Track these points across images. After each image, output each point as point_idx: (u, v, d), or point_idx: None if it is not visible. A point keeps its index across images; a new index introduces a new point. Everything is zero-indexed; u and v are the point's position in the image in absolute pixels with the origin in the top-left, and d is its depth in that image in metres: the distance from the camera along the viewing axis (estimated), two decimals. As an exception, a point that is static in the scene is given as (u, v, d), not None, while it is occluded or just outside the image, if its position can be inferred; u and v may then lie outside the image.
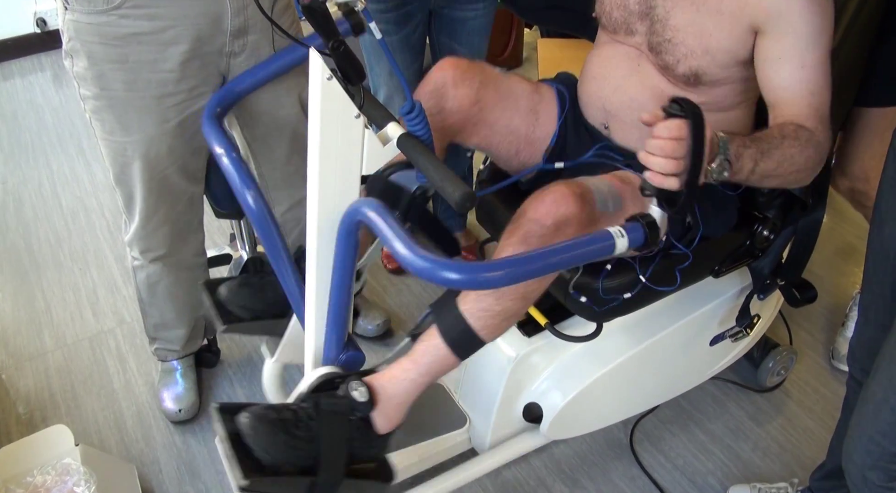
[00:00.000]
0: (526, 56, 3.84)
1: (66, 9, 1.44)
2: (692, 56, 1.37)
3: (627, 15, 1.46)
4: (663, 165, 1.06)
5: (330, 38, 1.14)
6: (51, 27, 3.93)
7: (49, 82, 3.80)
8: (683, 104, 1.05)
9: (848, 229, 2.65)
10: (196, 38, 1.47)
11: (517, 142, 1.57)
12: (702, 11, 1.35)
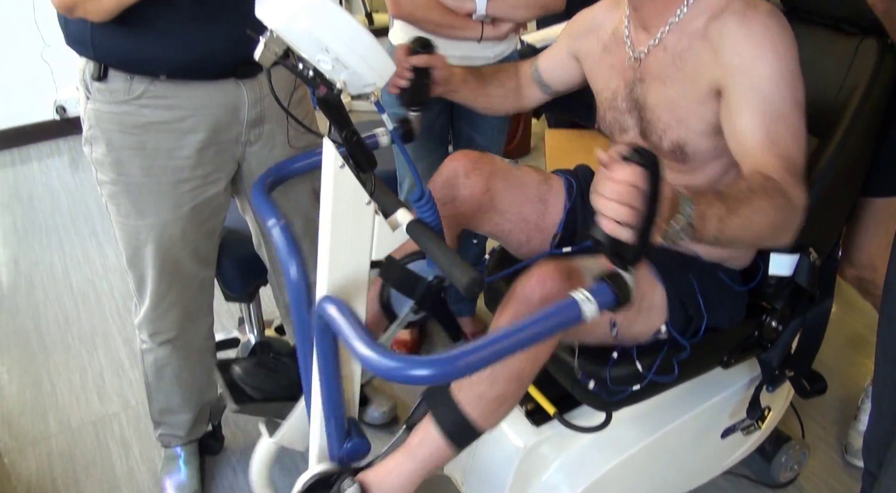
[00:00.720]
0: (534, 145, 3.91)
1: (88, 98, 1.49)
2: (670, 129, 1.40)
3: (618, 114, 1.51)
4: (617, 211, 0.96)
5: (343, 128, 1.17)
6: (70, 114, 4.04)
7: (66, 166, 3.88)
8: (642, 152, 0.98)
9: (857, 319, 2.63)
10: (213, 127, 1.51)
11: (527, 229, 1.60)
12: (668, 84, 1.39)
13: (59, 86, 3.99)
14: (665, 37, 1.40)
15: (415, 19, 1.89)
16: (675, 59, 1.38)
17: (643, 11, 1.41)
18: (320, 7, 1.02)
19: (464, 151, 1.57)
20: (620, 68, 1.50)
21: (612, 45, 1.52)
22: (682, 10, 1.37)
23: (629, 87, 1.48)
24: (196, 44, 1.42)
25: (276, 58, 1.08)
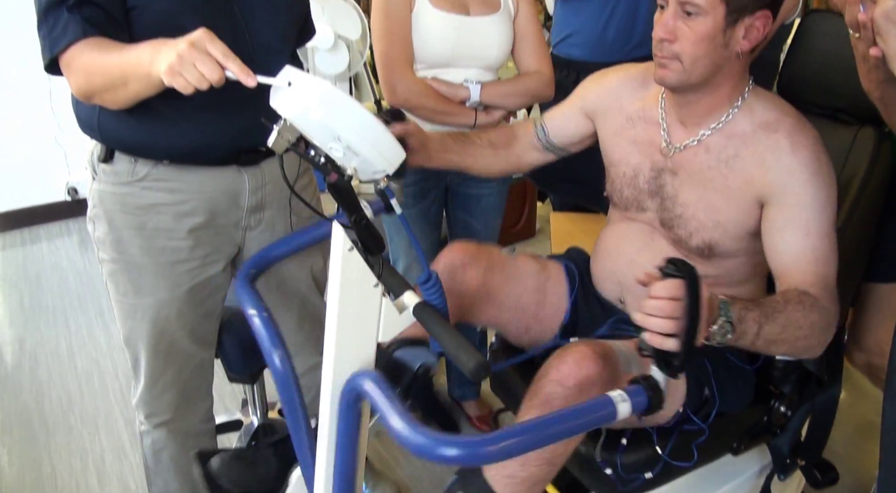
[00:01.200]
0: (539, 228, 3.95)
1: (95, 178, 1.53)
2: (704, 229, 1.42)
3: (638, 193, 1.52)
4: (661, 325, 1.04)
5: (353, 212, 1.19)
6: (81, 195, 4.11)
7: (75, 247, 3.92)
8: (679, 264, 1.05)
9: (867, 406, 2.60)
10: (212, 211, 1.54)
11: (526, 319, 1.60)
12: (709, 188, 1.41)
13: (72, 168, 4.07)
14: (707, 138, 1.42)
15: (410, 106, 1.93)
16: (721, 164, 1.40)
17: (686, 109, 1.44)
18: (334, 98, 1.06)
19: (461, 242, 1.58)
20: (647, 148, 1.51)
21: (638, 121, 1.54)
22: (727, 116, 1.41)
23: (656, 170, 1.49)
24: (200, 133, 1.45)
25: (288, 145, 1.11)
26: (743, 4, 1.30)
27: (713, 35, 1.32)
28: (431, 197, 2.08)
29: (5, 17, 3.65)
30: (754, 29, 1.34)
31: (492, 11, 1.96)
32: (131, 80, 1.27)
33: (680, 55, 1.35)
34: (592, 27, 2.53)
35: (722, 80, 1.39)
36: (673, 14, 1.34)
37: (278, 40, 1.52)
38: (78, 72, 1.32)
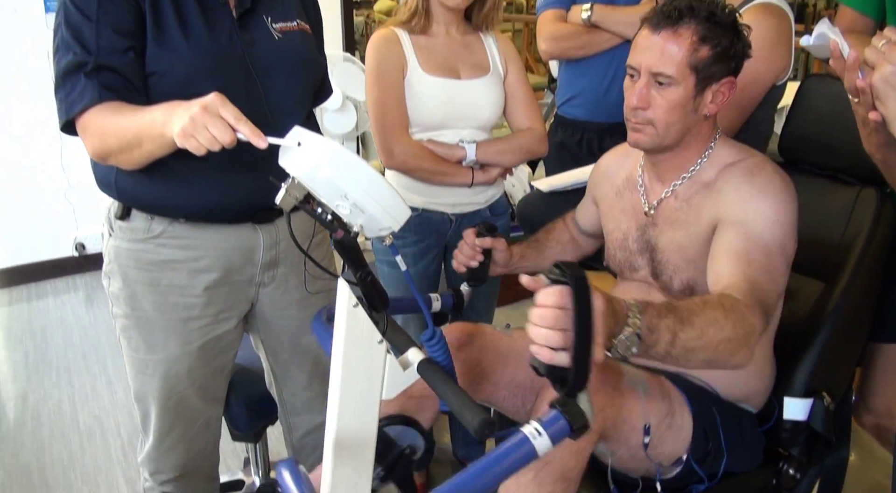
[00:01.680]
0: (544, 286, 3.95)
1: (111, 235, 1.56)
2: (680, 270, 1.47)
3: (629, 255, 1.58)
4: (546, 336, 0.95)
5: (358, 269, 1.20)
6: (89, 251, 4.13)
7: (81, 302, 3.93)
8: (565, 268, 0.95)
9: (877, 469, 2.55)
10: (227, 268, 1.55)
11: (522, 394, 1.60)
12: (677, 228, 1.47)
13: (81, 224, 4.10)
14: (679, 188, 1.49)
15: (407, 168, 1.96)
16: (684, 204, 1.47)
17: (661, 166, 1.51)
18: (341, 157, 1.08)
19: (457, 324, 1.62)
20: (632, 212, 1.57)
21: (624, 191, 1.61)
22: (696, 166, 1.48)
23: (641, 229, 1.55)
24: (216, 192, 1.48)
25: (296, 203, 1.13)
26: (710, 74, 1.39)
27: (684, 102, 1.40)
28: (431, 256, 2.09)
29: (19, 76, 3.72)
30: (720, 94, 1.43)
31: (482, 74, 2.01)
32: (145, 141, 1.30)
33: (653, 121, 1.43)
34: (595, 89, 2.58)
35: (691, 139, 1.47)
36: (645, 83, 1.42)
37: (293, 102, 1.55)
38: (94, 134, 1.36)
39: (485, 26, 2.04)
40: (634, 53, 1.43)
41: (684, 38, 1.37)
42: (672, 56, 1.37)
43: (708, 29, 1.37)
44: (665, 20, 1.38)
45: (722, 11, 1.39)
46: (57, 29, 1.38)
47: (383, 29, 2.02)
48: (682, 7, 1.38)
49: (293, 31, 1.54)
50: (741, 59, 1.43)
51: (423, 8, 1.96)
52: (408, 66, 1.95)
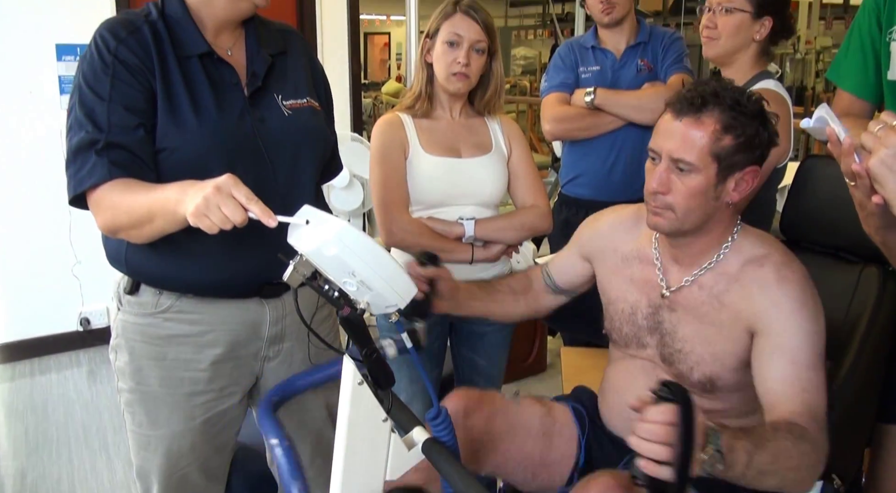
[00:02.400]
0: (550, 362, 3.92)
1: (119, 309, 1.56)
2: (703, 363, 1.44)
3: (637, 330, 1.55)
4: (655, 451, 1.01)
5: (364, 346, 1.20)
6: (94, 326, 4.12)
7: (84, 378, 3.90)
8: (672, 387, 1.03)
9: (894, 554, 2.49)
10: (233, 342, 1.56)
11: (532, 467, 1.58)
12: (704, 322, 1.44)
13: (87, 299, 4.11)
14: (700, 277, 1.46)
15: (407, 245, 1.97)
16: (713, 299, 1.44)
17: (679, 250, 1.49)
18: (349, 235, 1.10)
19: (463, 390, 1.60)
20: (644, 286, 1.54)
21: (633, 260, 1.58)
22: (718, 257, 1.45)
23: (653, 307, 1.52)
24: (224, 268, 1.49)
25: (303, 279, 1.14)
26: (733, 162, 1.36)
27: (705, 190, 1.38)
28: (435, 333, 2.09)
29: (33, 153, 3.79)
30: (744, 182, 1.39)
31: (483, 152, 2.04)
32: (157, 218, 1.32)
33: (673, 206, 1.40)
34: (599, 169, 2.62)
35: (713, 225, 1.44)
36: (666, 168, 1.39)
37: (302, 178, 1.57)
38: (105, 210, 1.38)
39: (487, 112, 2.08)
40: (656, 137, 1.42)
41: (707, 126, 1.34)
42: (694, 143, 1.35)
43: (732, 118, 1.34)
44: (688, 107, 1.36)
45: (748, 100, 1.37)
46: (71, 109, 1.42)
47: (388, 114, 2.08)
48: (707, 94, 1.35)
49: (303, 108, 1.58)
50: (767, 147, 1.40)
51: (427, 93, 2.02)
52: (410, 148, 1.99)
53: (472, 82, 1.98)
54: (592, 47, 2.68)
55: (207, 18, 1.48)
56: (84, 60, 1.42)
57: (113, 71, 1.38)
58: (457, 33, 1.93)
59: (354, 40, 4.49)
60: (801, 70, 7.63)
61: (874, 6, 1.71)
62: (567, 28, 8.20)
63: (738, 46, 2.02)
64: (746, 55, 2.03)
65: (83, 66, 1.42)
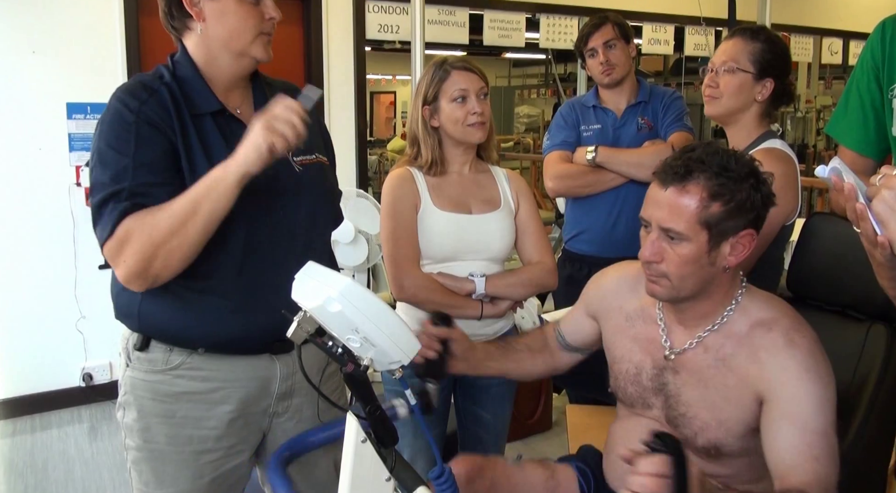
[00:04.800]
0: (555, 420, 3.88)
1: (128, 365, 1.55)
2: (708, 429, 1.41)
3: (642, 390, 1.53)
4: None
5: (367, 403, 1.19)
6: (96, 382, 4.10)
7: (85, 435, 3.87)
8: (665, 439, 1.03)
9: None
10: (243, 399, 1.55)
11: None
12: (710, 387, 1.41)
13: (90, 355, 4.10)
14: (706, 339, 1.44)
15: (417, 301, 1.98)
16: (719, 363, 1.41)
17: (683, 313, 1.47)
18: (353, 292, 1.10)
19: (467, 456, 1.60)
20: (648, 346, 1.53)
21: (637, 320, 1.56)
22: (723, 319, 1.43)
23: (658, 368, 1.50)
24: (235, 325, 1.49)
25: (307, 336, 1.14)
26: (724, 229, 1.34)
27: (698, 257, 1.36)
28: (438, 388, 2.08)
29: (40, 209, 3.83)
30: (740, 246, 1.37)
31: (493, 209, 2.06)
32: (203, 203, 1.35)
33: (667, 274, 1.38)
34: (602, 225, 2.64)
35: (713, 289, 1.42)
36: (657, 237, 1.38)
37: (313, 231, 1.60)
38: (137, 237, 1.36)
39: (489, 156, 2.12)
40: (646, 206, 1.41)
41: (693, 194, 1.32)
42: (681, 213, 1.33)
43: (719, 184, 1.32)
44: (673, 176, 1.34)
45: (737, 163, 1.34)
46: (92, 171, 1.43)
47: (399, 168, 2.10)
48: (691, 162, 1.33)
49: (312, 164, 1.61)
50: (762, 209, 1.37)
51: (439, 158, 2.05)
52: (421, 203, 2.01)
53: (487, 127, 2.03)
54: (594, 106, 2.72)
55: (216, 78, 1.52)
56: (104, 123, 1.44)
57: (136, 129, 1.41)
58: (461, 88, 1.98)
59: (361, 99, 4.57)
60: (802, 128, 7.71)
61: (872, 64, 1.73)
62: (569, 87, 8.33)
63: (739, 106, 2.05)
64: (749, 115, 2.06)
65: (103, 128, 1.44)
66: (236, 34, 1.48)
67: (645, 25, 5.35)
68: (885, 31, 1.71)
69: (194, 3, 1.46)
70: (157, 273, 1.40)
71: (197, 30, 1.48)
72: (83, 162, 3.78)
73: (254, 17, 1.49)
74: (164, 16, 1.51)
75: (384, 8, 4.49)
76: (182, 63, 1.51)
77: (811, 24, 6.08)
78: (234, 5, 1.47)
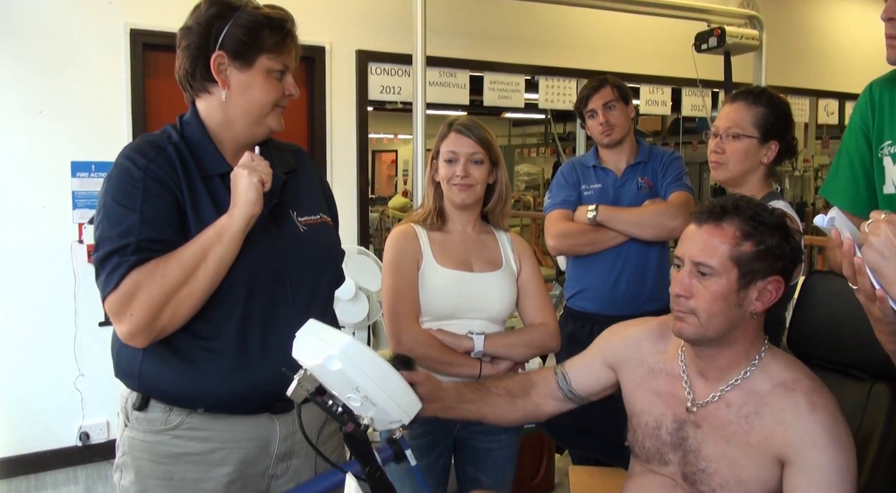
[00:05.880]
0: (558, 481, 3.82)
1: (127, 425, 1.53)
2: (727, 486, 1.40)
3: (660, 445, 1.51)
4: None
5: (367, 463, 1.18)
6: (93, 441, 4.05)
7: (79, 495, 3.81)
8: None
9: None
10: (242, 461, 1.53)
11: None
12: (732, 443, 1.41)
13: (87, 414, 4.06)
14: (727, 394, 1.45)
15: (416, 356, 1.94)
16: (741, 420, 1.42)
17: (705, 363, 1.48)
18: (354, 350, 1.10)
19: None
20: (670, 400, 1.53)
21: (660, 373, 1.57)
22: (745, 373, 1.45)
23: (678, 422, 1.50)
24: (235, 384, 1.48)
25: (307, 395, 1.14)
26: (754, 269, 1.39)
27: (727, 294, 1.40)
28: (438, 451, 2.05)
29: (43, 267, 3.83)
30: (767, 291, 1.41)
31: (494, 268, 2.07)
32: (213, 247, 1.39)
33: (696, 311, 1.41)
34: (604, 283, 2.65)
35: (738, 336, 1.44)
36: (688, 273, 1.42)
37: (316, 290, 1.60)
38: (144, 290, 1.37)
39: (494, 220, 2.13)
40: (681, 244, 1.46)
41: (727, 232, 1.40)
42: (714, 248, 1.39)
43: (752, 226, 1.39)
44: (709, 215, 1.42)
45: (770, 214, 1.42)
46: (97, 227, 1.44)
47: (403, 225, 2.12)
48: (727, 205, 1.42)
49: (317, 224, 1.63)
50: (790, 261, 1.43)
51: (437, 209, 2.07)
52: (423, 259, 2.02)
53: (477, 192, 2.04)
54: (594, 166, 2.76)
55: (227, 141, 1.54)
56: (111, 180, 1.45)
57: (143, 185, 1.42)
58: (452, 150, 2.02)
59: (363, 157, 4.63)
60: (800, 187, 7.77)
61: (861, 124, 1.76)
62: (568, 146, 8.43)
63: (746, 170, 2.08)
64: (755, 177, 2.09)
65: (110, 184, 1.45)
66: (257, 106, 1.52)
67: (643, 87, 5.43)
68: (873, 92, 1.75)
69: (221, 71, 1.48)
70: (163, 325, 1.40)
71: (219, 95, 1.50)
72: (86, 219, 3.81)
73: (277, 90, 1.52)
74: (185, 74, 1.53)
75: (386, 70, 4.58)
76: (192, 124, 1.54)
77: (807, 85, 6.19)
78: (261, 79, 1.50)
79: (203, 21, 1.48)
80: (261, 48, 1.48)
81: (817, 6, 6.39)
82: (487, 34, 4.93)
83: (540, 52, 5.08)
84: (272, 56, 1.50)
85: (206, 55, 1.47)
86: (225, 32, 1.46)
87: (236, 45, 1.47)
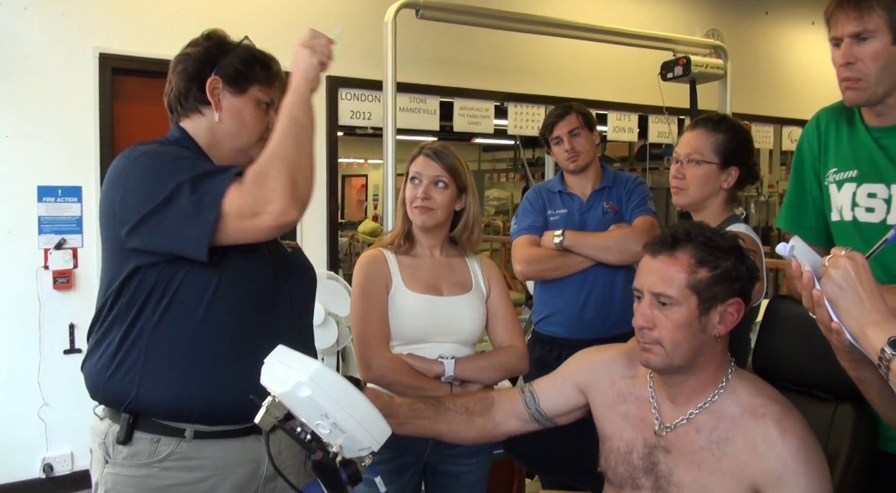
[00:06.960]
0: (528, 507, 3.81)
1: (108, 462, 1.48)
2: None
3: (632, 470, 1.52)
4: None
5: (335, 491, 1.18)
6: (57, 473, 3.96)
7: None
8: None
9: None
10: (234, 487, 1.52)
11: None
12: (703, 469, 1.42)
13: (51, 445, 3.97)
14: (696, 417, 1.46)
15: (385, 382, 1.95)
16: (712, 445, 1.43)
17: (674, 389, 1.50)
18: (323, 377, 1.10)
19: None
20: (639, 424, 1.53)
21: (629, 397, 1.58)
22: (713, 397, 1.47)
23: (649, 447, 1.50)
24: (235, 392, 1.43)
25: (276, 422, 1.13)
26: (713, 294, 1.41)
27: (689, 322, 1.41)
28: (408, 475, 2.04)
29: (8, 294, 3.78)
30: (728, 314, 1.44)
31: (464, 291, 2.08)
32: (298, 116, 1.46)
33: (661, 341, 1.43)
34: (571, 307, 2.67)
35: (704, 361, 1.46)
36: (649, 304, 1.44)
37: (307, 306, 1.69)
38: (269, 161, 1.41)
39: (462, 246, 2.13)
40: (638, 276, 1.48)
41: (682, 261, 1.41)
42: (671, 277, 1.41)
43: (706, 252, 1.41)
44: (662, 246, 1.44)
45: (721, 237, 1.45)
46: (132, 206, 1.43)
47: (372, 249, 2.12)
48: (679, 234, 1.44)
49: (296, 248, 1.72)
50: (748, 281, 1.45)
51: (405, 231, 2.08)
52: (392, 284, 2.02)
53: (437, 216, 2.04)
54: (560, 191, 2.78)
55: (214, 159, 1.58)
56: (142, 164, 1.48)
57: (179, 153, 1.49)
58: (417, 172, 2.04)
59: (333, 182, 4.63)
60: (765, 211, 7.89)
61: (809, 154, 1.80)
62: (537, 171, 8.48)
63: (706, 195, 2.11)
64: (716, 202, 2.12)
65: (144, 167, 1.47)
66: (245, 132, 1.59)
67: (610, 113, 5.51)
68: (820, 122, 1.78)
69: (215, 94, 1.55)
70: (302, 192, 1.42)
71: (210, 116, 1.57)
72: (52, 245, 3.77)
73: (263, 122, 1.60)
74: (178, 95, 1.58)
75: (357, 95, 4.59)
76: (182, 139, 1.58)
77: (771, 113, 6.30)
78: (251, 107, 1.59)
79: (202, 49, 1.57)
80: (254, 79, 1.58)
81: (781, 36, 6.53)
82: (457, 61, 4.97)
83: (509, 79, 5.13)
84: (263, 88, 1.60)
85: (202, 78, 1.55)
86: (223, 61, 1.56)
87: (232, 72, 1.56)
